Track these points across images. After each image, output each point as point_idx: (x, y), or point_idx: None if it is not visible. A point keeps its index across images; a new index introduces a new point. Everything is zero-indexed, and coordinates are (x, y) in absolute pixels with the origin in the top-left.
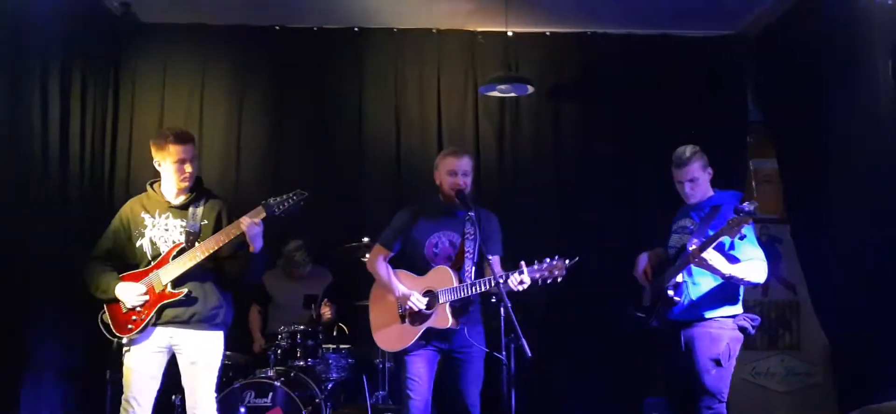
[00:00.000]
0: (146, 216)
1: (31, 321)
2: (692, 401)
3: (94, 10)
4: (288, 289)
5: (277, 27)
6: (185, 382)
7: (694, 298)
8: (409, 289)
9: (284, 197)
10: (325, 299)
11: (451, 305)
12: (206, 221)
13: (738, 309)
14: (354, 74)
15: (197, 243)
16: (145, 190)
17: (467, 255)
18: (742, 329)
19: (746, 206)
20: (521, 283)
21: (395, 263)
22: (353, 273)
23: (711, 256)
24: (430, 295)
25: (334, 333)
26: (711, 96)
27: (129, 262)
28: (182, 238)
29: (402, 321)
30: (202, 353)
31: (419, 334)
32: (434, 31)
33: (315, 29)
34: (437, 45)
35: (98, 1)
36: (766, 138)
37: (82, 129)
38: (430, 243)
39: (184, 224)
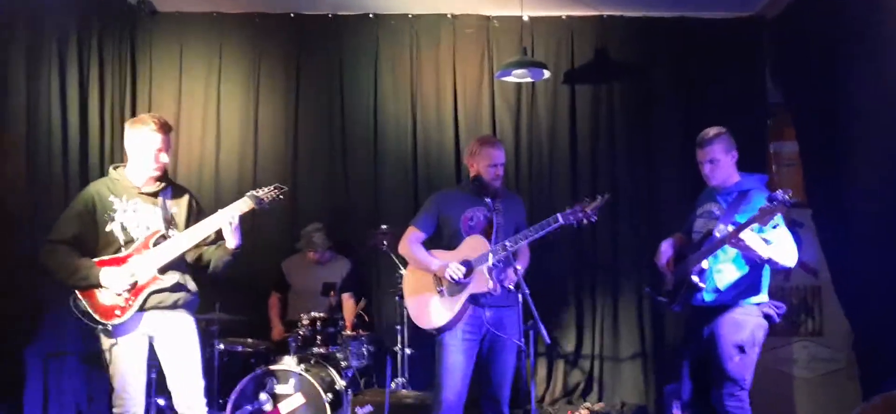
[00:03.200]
0: (115, 200)
1: (52, 307)
2: (714, 387)
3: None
4: (307, 276)
5: (292, 14)
6: (172, 371)
7: (718, 284)
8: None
9: (268, 190)
10: (349, 294)
11: (488, 269)
12: (176, 210)
13: (763, 297)
14: (370, 61)
15: (173, 231)
16: (107, 174)
17: (499, 227)
18: (767, 317)
19: (779, 194)
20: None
21: (428, 247)
22: (373, 260)
23: (749, 237)
24: (466, 263)
25: (355, 322)
26: (730, 79)
27: (93, 247)
28: (157, 225)
29: (441, 296)
30: (187, 336)
31: (463, 302)
32: (449, 15)
33: (330, 15)
34: (452, 31)
35: None
36: (786, 120)
37: (101, 117)
38: (466, 218)
39: (156, 211)
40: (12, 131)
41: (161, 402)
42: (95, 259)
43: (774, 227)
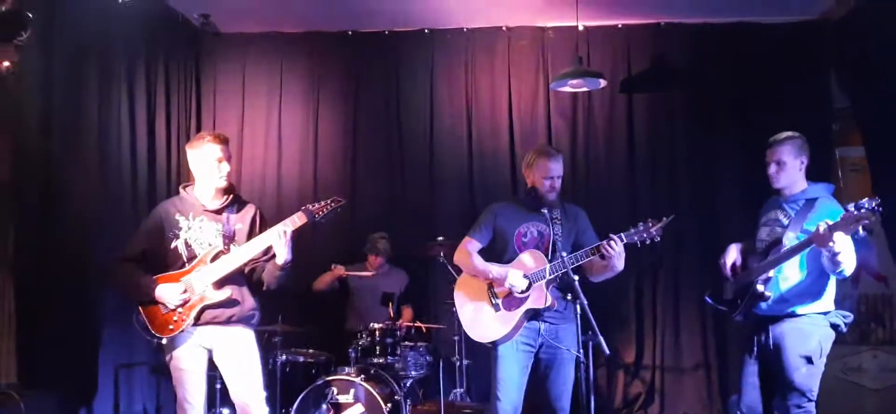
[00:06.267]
0: (181, 218)
1: (124, 319)
2: (780, 399)
3: (175, 22)
4: (368, 285)
5: (350, 32)
6: (232, 384)
7: (783, 293)
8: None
9: (324, 203)
10: (408, 306)
11: (547, 284)
12: (240, 225)
13: (830, 305)
14: (426, 75)
15: (233, 247)
16: (178, 193)
17: (557, 238)
18: (834, 326)
19: (866, 202)
20: (613, 249)
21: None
22: (429, 273)
23: (841, 239)
24: (525, 277)
25: (412, 332)
26: (792, 84)
27: (160, 263)
28: (218, 241)
29: (496, 310)
30: (244, 350)
31: (520, 317)
32: (504, 28)
33: (387, 32)
34: (507, 43)
35: (179, 12)
36: (851, 125)
37: (167, 135)
38: (520, 233)
39: (219, 227)
40: (86, 152)
41: (225, 412)
42: (158, 275)
43: (858, 235)
